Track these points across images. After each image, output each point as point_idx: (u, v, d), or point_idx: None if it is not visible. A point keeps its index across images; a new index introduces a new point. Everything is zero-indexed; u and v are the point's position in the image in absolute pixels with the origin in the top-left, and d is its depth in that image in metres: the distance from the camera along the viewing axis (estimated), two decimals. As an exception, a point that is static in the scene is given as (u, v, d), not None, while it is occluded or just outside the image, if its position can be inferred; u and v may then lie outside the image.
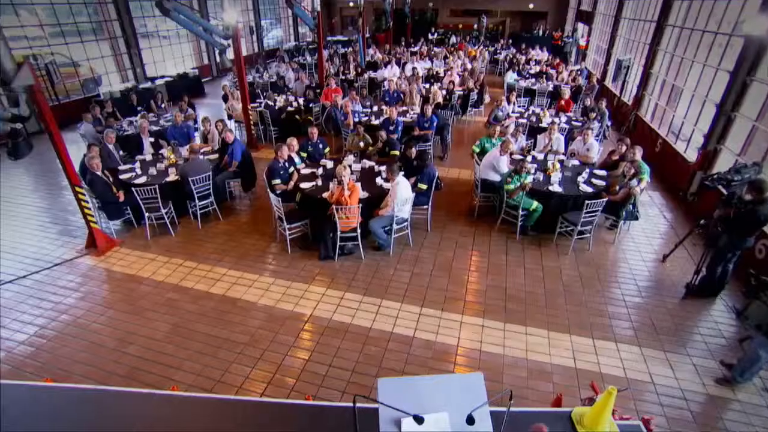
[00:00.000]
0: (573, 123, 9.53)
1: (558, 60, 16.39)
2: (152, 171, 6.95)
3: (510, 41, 23.40)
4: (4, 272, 5.83)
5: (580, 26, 19.70)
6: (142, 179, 6.69)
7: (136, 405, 2.80)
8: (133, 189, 6.15)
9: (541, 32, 24.44)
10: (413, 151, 6.81)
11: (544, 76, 13.80)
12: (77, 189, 5.93)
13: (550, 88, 12.64)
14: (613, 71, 12.58)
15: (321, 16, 12.80)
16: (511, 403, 1.97)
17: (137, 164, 7.24)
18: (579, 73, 14.28)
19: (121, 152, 7.65)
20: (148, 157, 7.62)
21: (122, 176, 6.81)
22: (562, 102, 10.44)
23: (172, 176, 6.76)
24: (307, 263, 5.90)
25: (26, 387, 2.91)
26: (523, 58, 17.51)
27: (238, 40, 9.22)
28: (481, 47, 20.58)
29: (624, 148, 7.00)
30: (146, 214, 6.37)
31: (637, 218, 6.39)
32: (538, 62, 16.89)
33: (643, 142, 8.64)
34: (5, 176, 9.18)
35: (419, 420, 1.58)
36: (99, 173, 6.25)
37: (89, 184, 6.19)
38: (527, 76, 14.44)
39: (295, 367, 4.27)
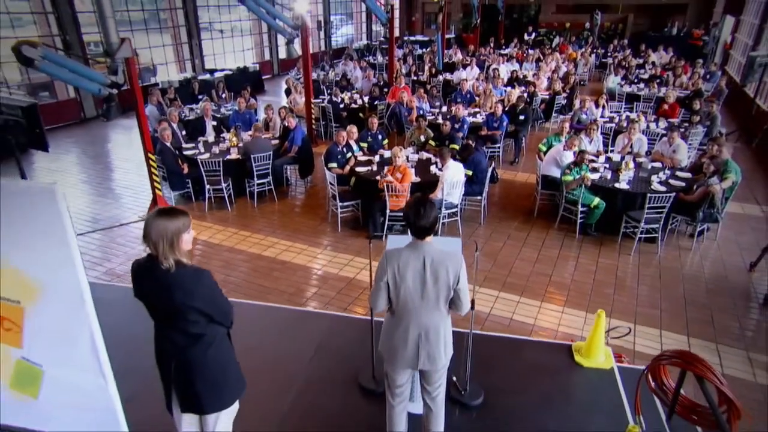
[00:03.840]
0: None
1: (684, 63, 17.36)
2: (215, 150, 9.27)
3: (626, 42, 24.61)
4: (78, 227, 8.26)
5: (728, 19, 20.19)
6: (205, 156, 8.98)
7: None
8: (198, 159, 8.43)
9: (675, 31, 25.42)
10: (470, 143, 8.57)
11: (657, 81, 14.97)
12: (149, 155, 8.30)
13: (660, 94, 13.82)
14: (742, 70, 13.55)
15: (394, 10, 15.18)
16: (477, 254, 3.60)
17: (200, 144, 9.63)
18: (707, 76, 15.35)
19: (183, 132, 10.12)
20: (211, 139, 10.01)
21: (186, 153, 9.18)
22: (665, 106, 11.71)
23: (234, 155, 9.01)
24: (355, 240, 7.78)
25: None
26: (636, 61, 18.77)
27: (306, 30, 11.66)
28: (590, 49, 22.06)
29: (715, 147, 8.19)
30: (207, 186, 8.62)
31: (717, 221, 7.47)
32: (656, 66, 18.09)
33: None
34: (75, 151, 12.15)
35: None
36: (168, 144, 8.64)
37: (159, 153, 8.57)
38: (635, 80, 15.75)
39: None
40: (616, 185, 7.70)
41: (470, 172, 7.96)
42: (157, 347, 2.91)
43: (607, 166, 8.40)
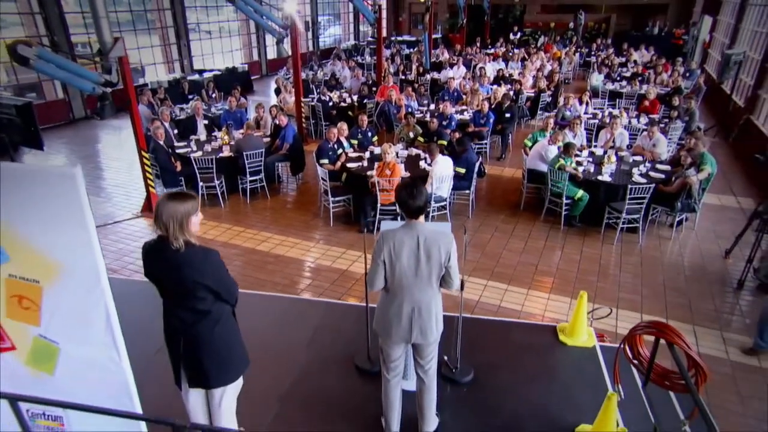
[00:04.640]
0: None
1: (665, 61, 17.81)
2: (207, 148, 9.43)
3: (610, 41, 25.09)
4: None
5: (706, 19, 20.76)
6: (198, 154, 9.14)
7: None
8: (192, 157, 8.59)
9: (657, 30, 25.96)
10: (456, 136, 8.83)
11: (638, 78, 15.36)
12: (143, 153, 8.44)
13: (642, 91, 14.20)
14: (719, 67, 13.99)
15: (382, 10, 15.40)
16: (465, 237, 3.82)
17: (192, 142, 9.79)
18: (686, 74, 15.77)
19: (175, 131, 10.26)
20: (203, 137, 10.17)
21: (179, 151, 9.33)
22: (646, 103, 12.06)
23: (227, 152, 9.18)
24: (347, 234, 8.01)
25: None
26: (618, 60, 19.18)
27: (295, 30, 11.84)
28: (574, 48, 22.48)
29: (692, 141, 8.52)
30: (200, 183, 8.78)
31: (694, 210, 7.80)
32: (638, 64, 18.52)
33: (753, 152, 9.96)
34: (66, 151, 12.24)
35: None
36: (161, 142, 8.79)
37: (152, 152, 8.72)
38: (618, 78, 16.12)
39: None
40: (599, 178, 8.00)
41: (463, 171, 8.20)
42: (166, 325, 3.11)
43: (591, 159, 8.70)
